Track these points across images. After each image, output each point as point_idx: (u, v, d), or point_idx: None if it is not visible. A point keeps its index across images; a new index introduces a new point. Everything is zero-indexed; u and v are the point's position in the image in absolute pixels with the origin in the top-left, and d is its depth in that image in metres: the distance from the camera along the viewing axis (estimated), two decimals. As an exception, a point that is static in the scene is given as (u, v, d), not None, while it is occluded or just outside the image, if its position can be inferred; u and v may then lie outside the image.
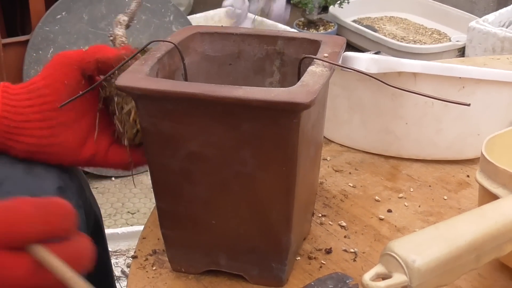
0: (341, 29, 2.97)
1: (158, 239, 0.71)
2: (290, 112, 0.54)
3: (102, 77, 0.67)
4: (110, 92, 0.67)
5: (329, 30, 2.94)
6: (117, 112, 0.66)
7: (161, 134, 0.58)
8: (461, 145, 0.86)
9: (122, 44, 0.71)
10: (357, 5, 3.13)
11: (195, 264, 0.66)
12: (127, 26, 0.73)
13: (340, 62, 0.67)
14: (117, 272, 1.59)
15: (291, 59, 0.70)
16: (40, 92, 0.64)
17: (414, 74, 0.80)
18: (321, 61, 0.61)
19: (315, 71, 0.59)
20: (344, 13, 3.00)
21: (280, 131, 0.55)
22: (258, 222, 0.61)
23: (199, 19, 2.71)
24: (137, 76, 0.58)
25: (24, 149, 0.65)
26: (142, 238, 0.73)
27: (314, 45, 0.67)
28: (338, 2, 2.92)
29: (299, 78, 0.60)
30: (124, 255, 1.64)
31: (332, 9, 3.03)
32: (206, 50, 0.71)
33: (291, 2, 2.95)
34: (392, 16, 3.22)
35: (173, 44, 0.66)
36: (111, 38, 0.71)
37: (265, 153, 0.57)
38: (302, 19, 3.03)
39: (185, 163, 0.59)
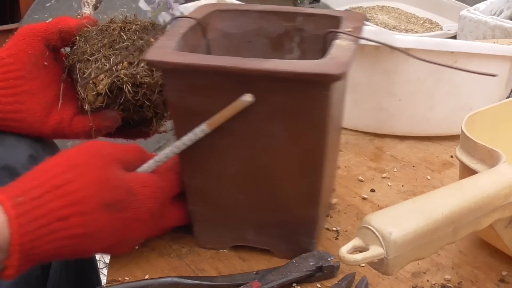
0: (333, 18, 2.96)
1: (141, 218, 0.71)
2: (321, 84, 0.55)
3: (67, 49, 0.70)
4: (73, 59, 0.69)
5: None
6: (79, 78, 0.68)
7: (189, 108, 0.59)
8: (453, 120, 0.86)
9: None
10: (349, -5, 3.13)
11: (222, 239, 0.66)
12: (95, 7, 0.75)
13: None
14: (106, 259, 1.59)
15: (310, 36, 0.70)
16: (4, 62, 0.67)
17: (407, 50, 0.80)
18: (346, 35, 0.61)
19: (342, 45, 0.59)
20: (336, 3, 2.99)
21: (310, 103, 0.56)
22: (286, 196, 0.61)
23: (190, 9, 2.70)
24: (165, 51, 0.58)
25: None
26: (125, 217, 0.73)
27: (334, 21, 0.67)
28: (330, -9, 2.92)
29: (323, 53, 0.61)
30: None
31: (324, -2, 3.02)
32: (225, 28, 0.71)
33: (283, -9, 2.95)
34: (384, 6, 3.22)
35: (196, 20, 0.66)
36: (79, 17, 0.73)
37: (295, 125, 0.57)
38: (294, 8, 3.02)
39: (214, 138, 0.59)
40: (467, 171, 0.61)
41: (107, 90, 0.67)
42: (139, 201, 0.58)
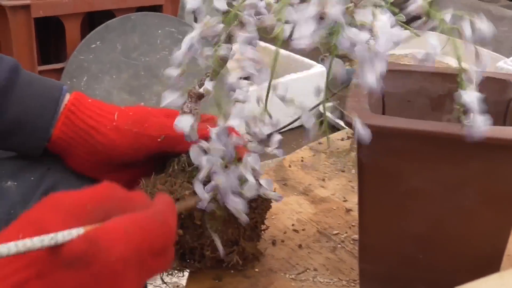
0: (366, 64, 2.97)
1: None
2: None
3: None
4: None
5: (355, 66, 2.95)
6: None
7: (381, 170, 0.59)
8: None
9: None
10: (382, 42, 3.14)
11: None
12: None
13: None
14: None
15: None
16: None
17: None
18: None
19: None
20: (369, 49, 3.01)
21: (510, 168, 0.57)
22: (468, 257, 0.61)
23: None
24: (364, 113, 0.58)
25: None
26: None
27: (501, 83, 0.68)
28: (364, 38, 2.95)
29: (505, 117, 0.62)
30: None
31: (357, 44, 3.04)
32: (387, 87, 0.71)
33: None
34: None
35: None
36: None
37: (491, 189, 0.58)
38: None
39: (402, 199, 0.60)
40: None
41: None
42: (104, 251, 0.49)
